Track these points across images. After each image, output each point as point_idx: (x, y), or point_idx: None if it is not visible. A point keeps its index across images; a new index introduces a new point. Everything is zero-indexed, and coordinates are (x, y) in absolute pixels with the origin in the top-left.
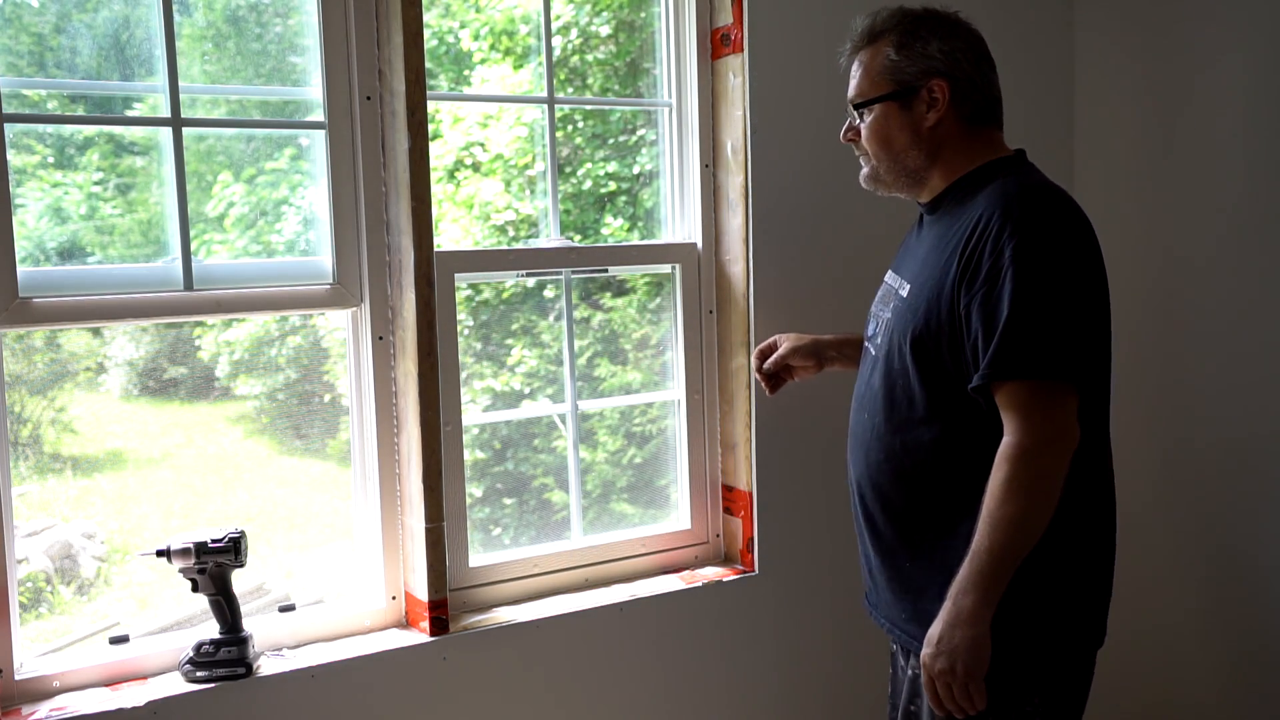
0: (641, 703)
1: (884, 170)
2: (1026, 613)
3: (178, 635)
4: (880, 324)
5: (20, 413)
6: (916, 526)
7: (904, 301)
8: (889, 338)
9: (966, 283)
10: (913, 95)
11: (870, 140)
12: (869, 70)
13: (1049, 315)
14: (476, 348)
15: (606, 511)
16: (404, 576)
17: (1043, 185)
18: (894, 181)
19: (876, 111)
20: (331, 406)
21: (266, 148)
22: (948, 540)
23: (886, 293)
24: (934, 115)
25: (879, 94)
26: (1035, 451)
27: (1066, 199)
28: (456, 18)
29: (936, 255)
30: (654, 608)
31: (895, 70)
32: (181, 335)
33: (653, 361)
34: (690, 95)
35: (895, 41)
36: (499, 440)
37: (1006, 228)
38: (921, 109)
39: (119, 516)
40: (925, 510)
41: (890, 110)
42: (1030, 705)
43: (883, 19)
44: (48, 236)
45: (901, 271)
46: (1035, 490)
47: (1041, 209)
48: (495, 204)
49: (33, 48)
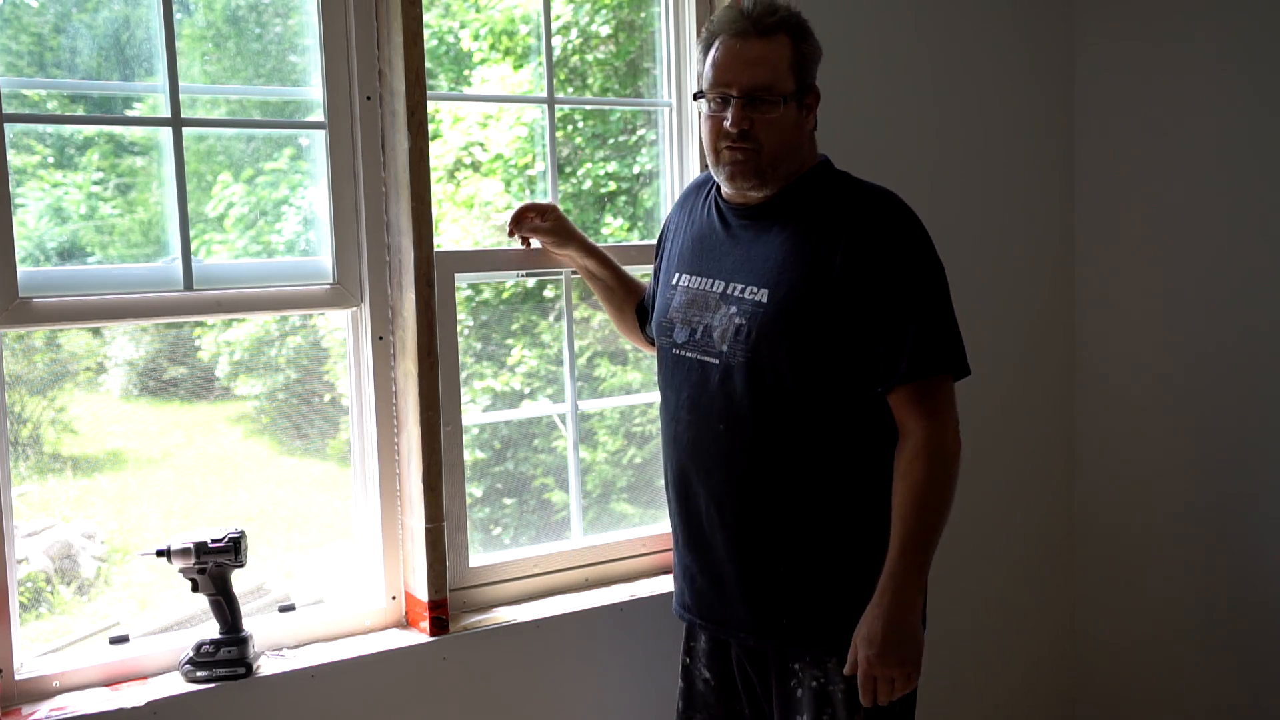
0: (642, 703)
1: (770, 167)
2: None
3: (178, 635)
4: (709, 330)
5: (20, 413)
6: (798, 532)
7: (763, 308)
8: (746, 344)
9: (856, 289)
10: (806, 95)
11: (771, 135)
12: (779, 63)
13: (944, 314)
14: (476, 348)
15: (606, 511)
16: (404, 576)
17: (884, 190)
18: (774, 179)
19: (786, 107)
20: (331, 406)
21: (266, 148)
22: (835, 541)
23: (699, 298)
24: (811, 120)
25: (788, 90)
26: (951, 446)
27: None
28: (456, 18)
29: (797, 259)
30: (654, 608)
31: (800, 69)
32: (181, 335)
33: (653, 361)
34: (690, 95)
35: (794, 39)
36: (499, 440)
37: (886, 235)
38: (805, 112)
39: (119, 516)
40: (809, 515)
41: (791, 109)
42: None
43: (785, 12)
44: (48, 236)
45: (724, 274)
46: (954, 481)
47: (904, 214)
48: (495, 204)
49: (33, 48)
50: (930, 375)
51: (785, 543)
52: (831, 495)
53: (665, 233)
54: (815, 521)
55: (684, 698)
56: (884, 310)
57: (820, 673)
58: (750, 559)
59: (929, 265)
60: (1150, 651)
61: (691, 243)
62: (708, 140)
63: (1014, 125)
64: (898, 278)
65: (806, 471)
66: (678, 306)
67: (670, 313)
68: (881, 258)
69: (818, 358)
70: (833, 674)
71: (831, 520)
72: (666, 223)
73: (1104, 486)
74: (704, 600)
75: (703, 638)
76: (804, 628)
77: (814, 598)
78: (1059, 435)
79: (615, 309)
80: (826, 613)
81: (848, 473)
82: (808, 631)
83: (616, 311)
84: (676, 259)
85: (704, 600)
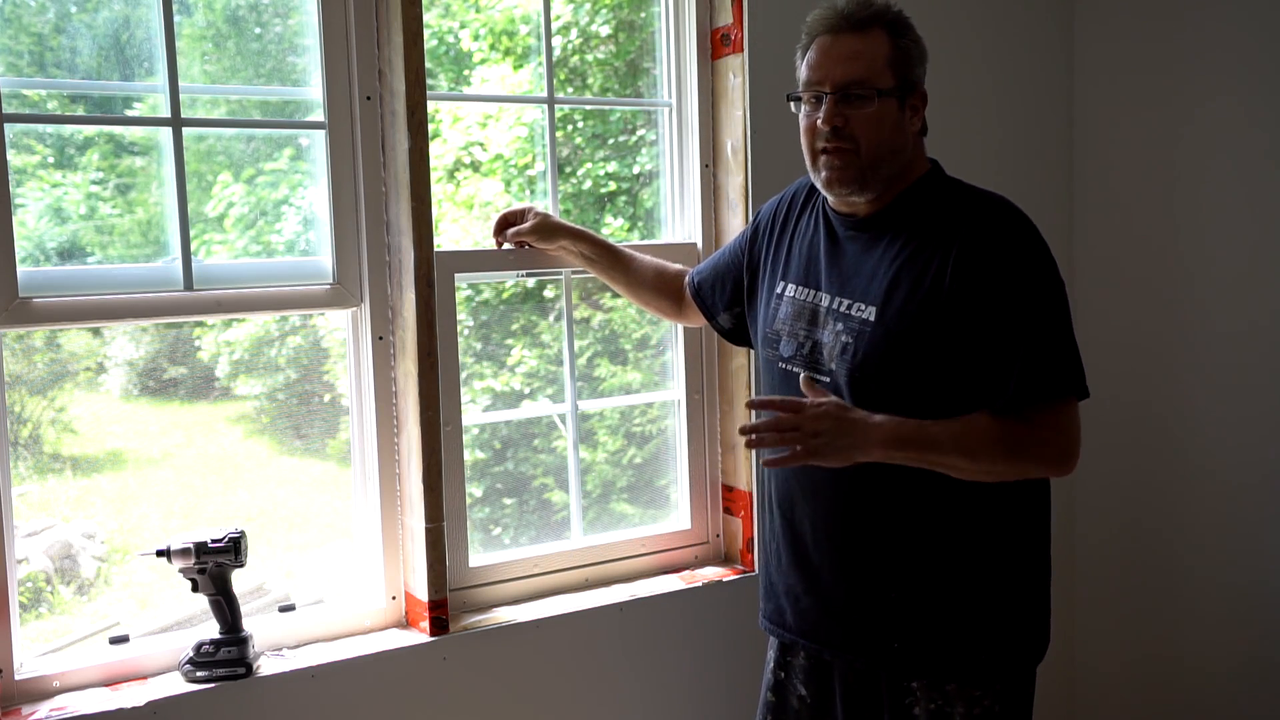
0: (642, 703)
1: (870, 169)
2: (982, 616)
3: (178, 635)
4: (818, 346)
5: (20, 413)
6: (906, 557)
7: (870, 326)
8: (851, 363)
9: (966, 307)
10: (910, 95)
11: (868, 133)
12: (875, 57)
13: (1058, 333)
14: (476, 348)
15: (606, 511)
16: (404, 576)
17: (997, 198)
18: (875, 182)
19: (879, 103)
20: (331, 406)
21: (266, 148)
22: (943, 564)
23: (805, 310)
24: (916, 121)
25: (886, 85)
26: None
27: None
28: (456, 18)
29: (907, 275)
30: (654, 608)
31: (901, 64)
32: (181, 335)
33: (653, 361)
34: (690, 95)
35: (893, 35)
36: (499, 440)
37: (997, 247)
38: (909, 112)
39: (119, 516)
40: (916, 538)
41: (890, 106)
42: (983, 705)
43: (881, 6)
44: (48, 236)
45: (832, 288)
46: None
47: (1018, 224)
48: (495, 204)
49: (33, 48)
50: (1040, 400)
51: (894, 567)
52: (938, 517)
53: (761, 223)
54: (922, 545)
55: (773, 711)
56: (993, 328)
57: (938, 695)
58: (859, 583)
59: (1043, 279)
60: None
61: (800, 251)
62: (805, 145)
63: (1014, 125)
64: (1009, 294)
65: (913, 493)
66: (784, 318)
67: (776, 324)
68: (992, 272)
69: (925, 379)
70: (952, 698)
71: (939, 543)
72: (764, 213)
73: (1104, 494)
74: (807, 619)
75: (802, 655)
76: (916, 652)
77: (926, 622)
78: None
79: (624, 285)
80: (939, 636)
81: (955, 494)
82: (920, 656)
83: (627, 287)
84: (782, 267)
85: (807, 619)
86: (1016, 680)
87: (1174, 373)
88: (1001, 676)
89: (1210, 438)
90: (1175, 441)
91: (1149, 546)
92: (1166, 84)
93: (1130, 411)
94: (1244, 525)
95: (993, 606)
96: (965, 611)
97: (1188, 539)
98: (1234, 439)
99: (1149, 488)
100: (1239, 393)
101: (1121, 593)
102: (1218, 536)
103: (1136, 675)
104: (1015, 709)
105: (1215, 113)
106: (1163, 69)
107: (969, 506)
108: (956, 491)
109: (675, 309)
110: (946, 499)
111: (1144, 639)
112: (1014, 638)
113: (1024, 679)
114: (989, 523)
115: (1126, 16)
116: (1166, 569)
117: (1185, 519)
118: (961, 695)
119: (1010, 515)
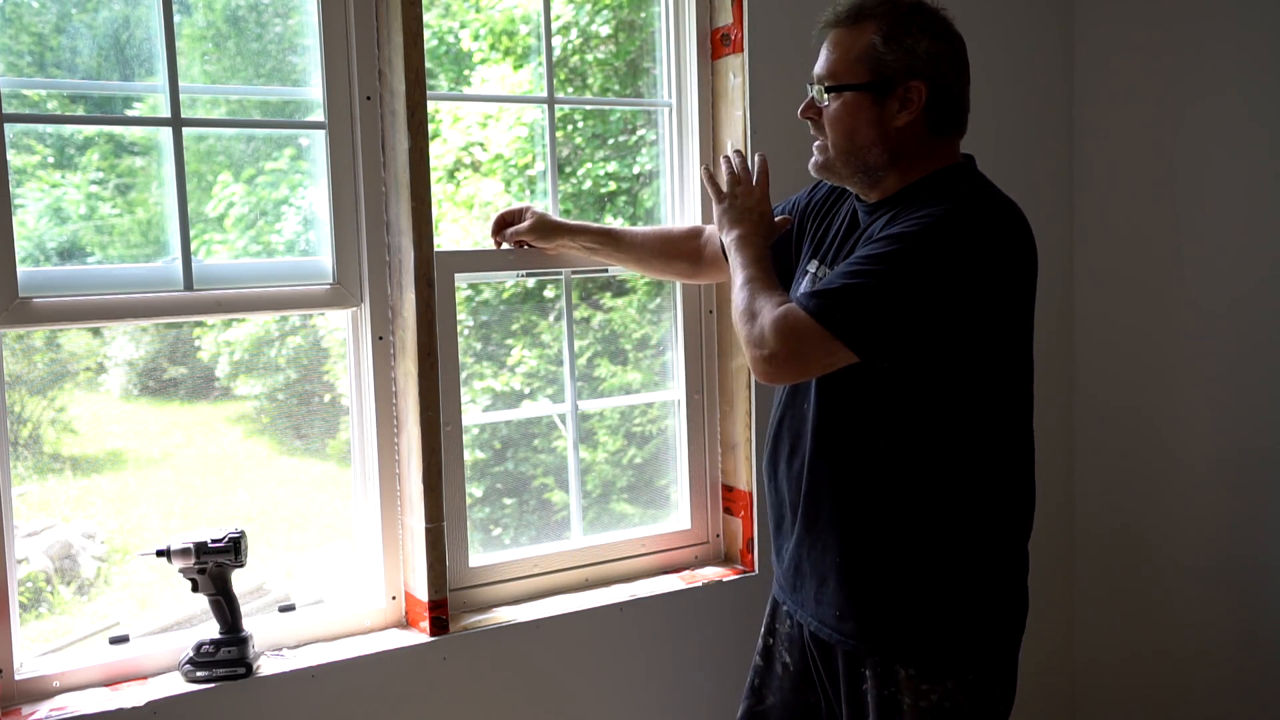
0: (642, 703)
1: (840, 162)
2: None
3: (178, 635)
4: None
5: (20, 413)
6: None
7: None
8: None
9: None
10: (889, 91)
11: (833, 127)
12: (847, 52)
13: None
14: (476, 348)
15: (606, 511)
16: (404, 576)
17: (995, 197)
18: (849, 175)
19: (846, 99)
20: (331, 406)
21: (266, 148)
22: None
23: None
24: (905, 116)
25: (854, 81)
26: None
27: (1013, 213)
28: (456, 18)
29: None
30: (654, 608)
31: (877, 60)
32: (181, 335)
33: (653, 361)
34: (690, 95)
35: (883, 29)
36: (499, 440)
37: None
38: (894, 107)
39: (119, 516)
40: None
41: (862, 101)
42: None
43: (874, 1)
44: (48, 236)
45: (835, 263)
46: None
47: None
48: (495, 204)
49: (33, 48)
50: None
51: (842, 535)
52: (897, 492)
53: (816, 197)
54: (875, 517)
55: (760, 674)
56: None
57: (890, 681)
58: (812, 547)
59: (913, 248)
60: (1151, 665)
61: (834, 233)
62: None
63: (1014, 125)
64: (876, 240)
65: (876, 466)
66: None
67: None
68: (884, 229)
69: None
70: (903, 685)
71: (894, 518)
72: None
73: (1103, 499)
74: (788, 579)
75: (788, 621)
76: (860, 625)
77: (870, 595)
78: (1059, 443)
79: (634, 264)
80: (883, 613)
81: (923, 475)
82: (864, 630)
83: (637, 264)
84: (818, 245)
85: (788, 579)
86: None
87: (1173, 372)
88: (953, 671)
89: (1209, 437)
90: (1174, 441)
91: (1149, 546)
92: (1166, 82)
93: (1129, 411)
94: (1244, 525)
95: (944, 593)
96: (912, 592)
97: (1188, 539)
98: (1233, 438)
99: (1148, 487)
100: (1238, 392)
101: (1122, 592)
102: (1217, 536)
103: (1137, 674)
104: (974, 706)
105: (1215, 111)
106: (1163, 68)
107: (933, 488)
108: (925, 473)
109: (691, 269)
110: (913, 478)
111: (1144, 638)
112: (969, 630)
113: (986, 676)
114: (951, 507)
115: (1126, 15)
116: (1167, 569)
117: (1186, 519)
118: (910, 686)
119: (976, 503)
